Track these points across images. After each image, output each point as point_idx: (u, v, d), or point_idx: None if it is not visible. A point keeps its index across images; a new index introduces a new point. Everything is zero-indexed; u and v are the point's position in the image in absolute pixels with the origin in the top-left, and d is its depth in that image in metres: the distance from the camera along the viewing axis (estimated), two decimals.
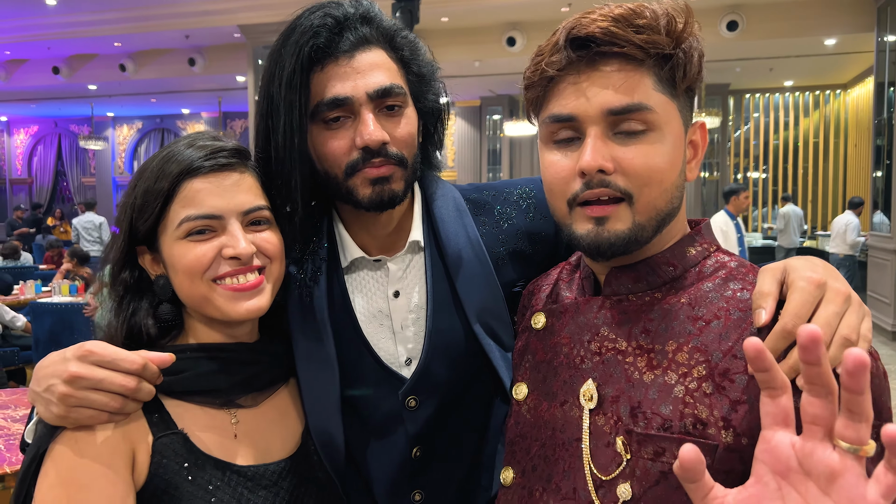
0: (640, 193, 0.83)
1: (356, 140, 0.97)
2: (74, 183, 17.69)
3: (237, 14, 9.80)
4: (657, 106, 0.82)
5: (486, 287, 1.06)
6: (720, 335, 0.81)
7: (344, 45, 0.98)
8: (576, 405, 0.88)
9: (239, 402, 0.97)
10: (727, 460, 0.76)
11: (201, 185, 0.92)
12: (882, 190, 8.26)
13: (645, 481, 0.79)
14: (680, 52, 0.83)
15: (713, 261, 0.88)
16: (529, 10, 9.45)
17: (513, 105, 14.11)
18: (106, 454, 0.84)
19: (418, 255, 1.09)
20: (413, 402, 1.05)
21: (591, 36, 0.82)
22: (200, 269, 0.92)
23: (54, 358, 0.85)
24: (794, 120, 13.71)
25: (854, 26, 8.97)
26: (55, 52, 11.62)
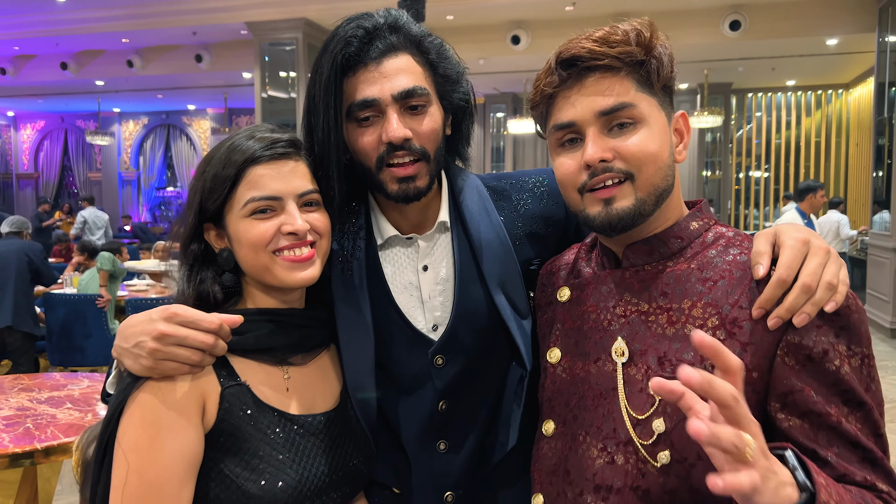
0: (640, 172, 1.00)
1: (382, 135, 1.11)
2: (80, 178, 17.82)
3: (244, 11, 9.90)
4: (639, 102, 1.00)
5: (505, 263, 1.19)
6: (727, 291, 0.97)
7: (373, 52, 1.11)
8: (609, 361, 1.03)
9: (291, 360, 1.11)
10: (743, 392, 0.87)
11: (264, 170, 1.06)
12: (883, 189, 8.34)
13: (676, 416, 0.94)
14: (651, 59, 1.01)
15: (713, 232, 1.05)
16: (534, 9, 9.54)
17: (517, 103, 14.19)
18: (183, 402, 0.97)
19: (445, 234, 1.23)
20: (440, 361, 1.18)
21: (576, 56, 1.00)
22: (263, 243, 1.06)
23: (140, 318, 0.98)
24: (797, 119, 13.80)
25: (856, 26, 9.05)
26: (63, 47, 11.73)
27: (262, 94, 10.40)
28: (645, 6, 9.37)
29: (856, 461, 0.91)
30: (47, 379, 3.33)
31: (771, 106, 13.91)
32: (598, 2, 9.14)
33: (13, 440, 2.45)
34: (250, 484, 1.00)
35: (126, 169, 17.56)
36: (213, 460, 1.00)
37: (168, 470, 0.95)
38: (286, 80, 10.36)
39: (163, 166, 17.53)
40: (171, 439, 0.96)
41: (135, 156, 17.49)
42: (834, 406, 0.91)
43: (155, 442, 0.95)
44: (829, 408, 0.91)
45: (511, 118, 12.68)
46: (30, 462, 2.46)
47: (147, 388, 0.97)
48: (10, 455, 2.38)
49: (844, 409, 0.91)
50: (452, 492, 1.19)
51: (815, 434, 0.91)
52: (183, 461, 0.97)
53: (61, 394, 3.04)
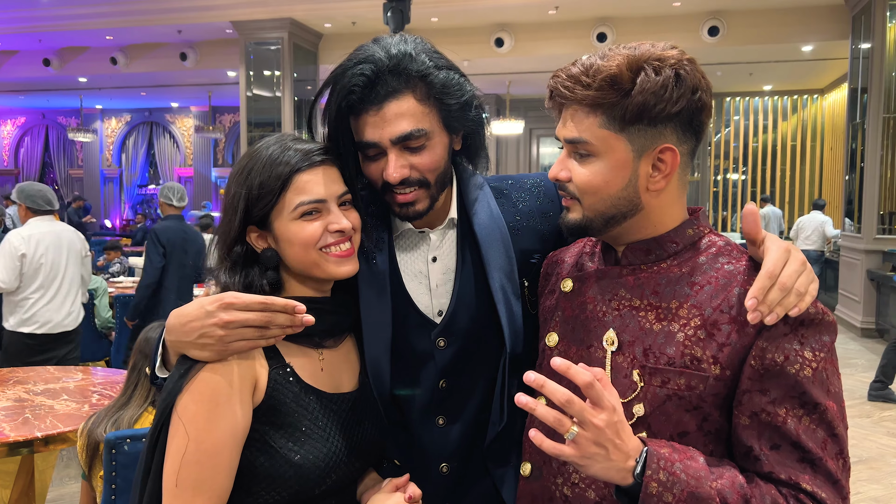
0: (583, 198, 1.12)
1: (383, 173, 1.23)
2: (62, 175, 17.70)
3: (230, 10, 9.93)
4: (596, 140, 1.08)
5: (503, 254, 1.33)
6: (711, 296, 1.07)
7: (374, 97, 1.19)
8: (600, 348, 1.14)
9: (326, 344, 1.25)
10: (715, 387, 1.03)
11: (308, 177, 1.20)
12: (856, 192, 8.56)
13: (654, 402, 1.06)
14: (625, 100, 1.04)
15: (707, 240, 1.14)
16: (517, 12, 9.66)
17: (500, 104, 14.31)
18: (237, 382, 1.10)
19: (453, 229, 1.36)
20: (442, 343, 1.31)
21: (553, 90, 1.12)
22: (314, 242, 1.20)
23: (195, 312, 1.09)
24: (773, 123, 14.05)
25: (830, 34, 9.28)
26: (46, 44, 11.67)
27: (247, 93, 10.44)
28: (626, 12, 9.54)
29: (794, 460, 0.98)
30: (44, 372, 3.40)
31: (748, 110, 14.16)
32: (581, 5, 9.29)
33: (13, 429, 2.52)
34: (293, 454, 1.14)
35: (108, 166, 17.46)
36: (259, 432, 1.13)
37: (221, 441, 1.08)
38: (271, 78, 10.40)
39: (145, 164, 17.45)
40: (226, 414, 1.09)
41: (117, 153, 17.39)
42: (786, 407, 0.99)
43: (212, 416, 1.08)
44: (779, 409, 0.99)
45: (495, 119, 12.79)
46: (28, 450, 2.53)
47: (207, 369, 1.10)
48: (9, 444, 2.44)
49: (800, 410, 0.99)
50: (448, 463, 1.32)
51: (760, 433, 1.00)
52: (234, 434, 1.10)
53: (57, 386, 3.12)
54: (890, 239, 8.00)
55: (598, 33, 9.70)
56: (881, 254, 7.98)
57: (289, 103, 10.37)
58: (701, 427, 1.05)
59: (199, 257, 4.97)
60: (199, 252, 5.02)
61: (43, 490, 3.05)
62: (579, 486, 1.12)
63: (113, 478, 2.07)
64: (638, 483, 0.95)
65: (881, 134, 7.96)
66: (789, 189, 14.07)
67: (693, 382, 1.04)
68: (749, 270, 1.07)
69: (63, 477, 4.13)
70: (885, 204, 8.06)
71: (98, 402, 2.87)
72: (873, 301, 8.06)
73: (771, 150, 14.10)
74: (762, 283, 1.00)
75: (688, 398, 1.04)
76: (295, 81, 10.38)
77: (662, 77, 1.03)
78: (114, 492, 2.08)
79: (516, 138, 14.92)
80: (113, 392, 3.00)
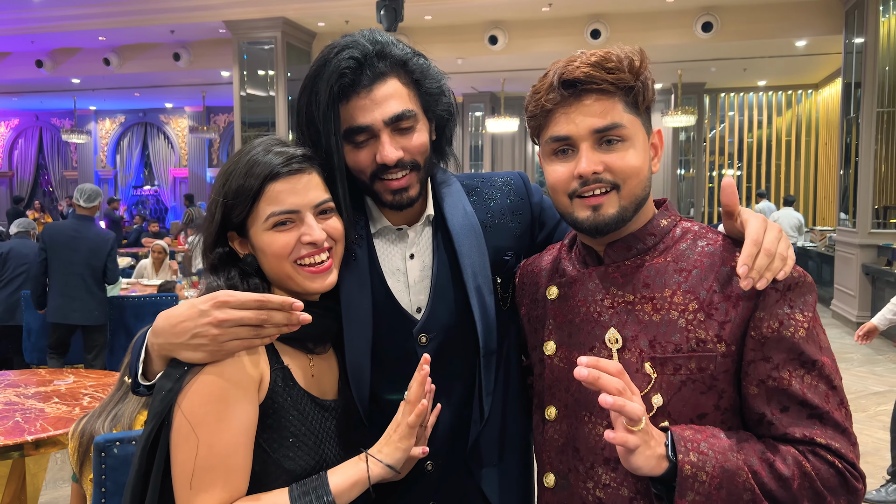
0: (624, 184, 1.13)
1: (377, 157, 1.23)
2: (56, 176, 17.64)
3: (223, 10, 9.89)
4: (628, 123, 1.13)
5: (476, 251, 1.34)
6: (701, 279, 1.12)
7: (364, 80, 1.22)
8: (603, 349, 1.15)
9: (316, 350, 1.23)
10: (724, 363, 1.08)
11: (282, 186, 1.16)
12: (851, 186, 8.57)
13: (671, 390, 1.09)
14: (639, 83, 1.13)
15: (681, 228, 1.20)
16: (511, 9, 9.65)
17: (494, 102, 14.31)
18: (246, 379, 1.07)
19: (429, 226, 1.37)
20: (424, 339, 1.31)
21: (577, 79, 1.12)
22: (286, 254, 1.16)
23: (187, 312, 1.05)
24: (768, 119, 14.07)
25: (823, 28, 9.29)
26: (39, 45, 11.62)
27: (241, 93, 10.41)
28: (620, 8, 9.53)
29: (804, 418, 1.05)
30: (33, 375, 3.38)
31: (743, 105, 14.17)
32: (575, 2, 9.28)
33: (3, 433, 2.51)
34: (285, 460, 1.11)
35: (103, 167, 17.41)
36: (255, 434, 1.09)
37: (235, 441, 1.05)
38: (265, 78, 10.38)
39: (140, 165, 17.41)
40: (237, 413, 1.05)
41: (111, 154, 17.35)
42: (788, 370, 1.05)
43: (223, 416, 1.04)
44: (782, 372, 1.05)
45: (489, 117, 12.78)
46: (19, 454, 2.51)
47: (211, 369, 1.05)
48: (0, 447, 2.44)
49: (801, 370, 1.05)
50: (432, 461, 1.32)
51: (769, 398, 1.06)
52: (246, 433, 1.06)
53: (48, 389, 3.10)
54: (884, 233, 8.02)
55: (591, 30, 9.69)
56: (876, 248, 7.99)
57: (283, 103, 10.35)
58: (717, 406, 1.09)
59: (95, 257, 5.09)
60: (95, 252, 5.10)
61: (35, 493, 3.03)
62: (611, 486, 1.13)
63: (103, 481, 2.06)
64: (672, 467, 0.99)
65: (875, 128, 7.97)
66: (784, 184, 14.09)
67: (703, 364, 1.08)
68: (729, 247, 1.13)
69: (57, 480, 4.11)
70: (879, 198, 8.07)
71: (89, 405, 2.86)
72: (868, 295, 8.07)
73: (766, 146, 14.12)
74: (749, 250, 1.05)
75: (701, 380, 1.08)
76: (289, 81, 10.35)
77: (649, 72, 1.16)
78: (104, 495, 2.06)
79: (511, 136, 14.92)
80: (105, 395, 2.99)
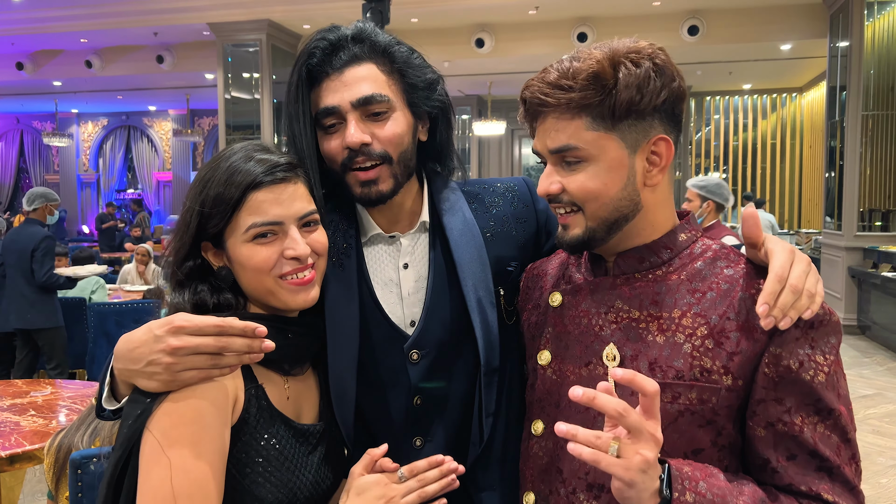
0: (584, 206, 1.06)
1: (343, 141, 1.15)
2: (38, 180, 17.40)
3: (206, 12, 9.78)
4: (586, 143, 1.02)
5: (477, 260, 1.25)
6: (715, 303, 1.02)
7: (336, 63, 1.16)
8: (599, 365, 1.07)
9: (293, 371, 1.14)
10: (728, 398, 0.99)
11: (264, 196, 1.07)
12: (835, 189, 8.61)
13: (666, 419, 0.99)
14: (609, 97, 1.00)
15: (700, 244, 1.10)
16: (498, 12, 9.62)
17: (481, 105, 14.28)
18: (221, 399, 0.98)
19: (425, 234, 1.28)
20: (415, 356, 1.22)
21: (527, 99, 1.06)
22: (268, 268, 1.07)
23: (142, 337, 0.96)
24: (753, 122, 14.14)
25: (808, 32, 9.33)
26: (19, 47, 11.45)
27: (226, 96, 10.30)
28: (606, 11, 9.53)
29: (812, 470, 0.96)
30: (9, 386, 3.28)
31: (728, 109, 14.22)
32: (561, 5, 9.27)
33: None
34: (255, 486, 1.01)
35: (85, 171, 17.20)
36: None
37: (210, 466, 0.96)
38: (249, 81, 10.27)
39: (123, 168, 17.21)
40: (213, 436, 0.97)
41: (94, 157, 17.14)
42: (801, 416, 0.96)
43: (199, 439, 0.95)
44: (795, 418, 0.96)
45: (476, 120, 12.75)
46: None
47: (177, 396, 0.96)
48: None
49: (815, 417, 0.96)
50: None
51: (776, 443, 0.97)
52: (221, 458, 0.98)
53: (24, 401, 3.01)
54: (870, 236, 8.05)
55: (578, 33, 9.68)
56: (862, 251, 8.02)
57: (268, 106, 10.25)
58: (715, 442, 1.01)
59: (24, 258, 5.04)
60: (24, 253, 5.05)
61: None
62: None
63: (79, 499, 1.97)
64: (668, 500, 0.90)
65: (860, 132, 8.01)
66: (769, 187, 14.15)
67: (705, 395, 0.99)
68: (751, 274, 1.03)
69: (35, 492, 4.01)
70: (864, 201, 8.10)
71: (67, 418, 2.77)
72: (854, 298, 8.10)
73: (751, 149, 14.18)
74: (772, 286, 0.95)
75: (700, 412, 1.00)
76: (274, 84, 10.25)
77: (643, 69, 1.01)
78: None
79: (498, 139, 14.89)
80: (84, 406, 2.90)
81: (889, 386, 6.10)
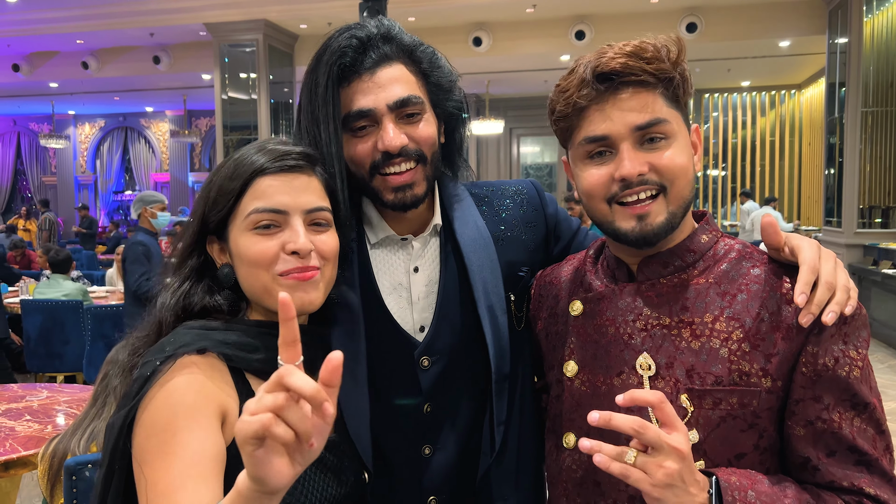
0: (672, 185, 1.02)
1: (378, 144, 1.12)
2: (35, 182, 17.36)
3: (203, 12, 9.76)
4: (669, 117, 1.03)
5: (488, 267, 1.22)
6: (747, 305, 1.01)
7: (367, 62, 1.12)
8: (633, 375, 1.04)
9: None
10: (768, 400, 0.98)
11: (271, 182, 1.00)
12: (834, 186, 8.59)
13: (708, 426, 0.99)
14: (678, 75, 1.03)
15: (723, 245, 1.08)
16: (495, 11, 9.59)
17: (479, 104, 14.25)
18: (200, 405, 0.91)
19: (436, 237, 1.25)
20: (426, 363, 1.18)
21: (613, 71, 1.00)
22: (265, 262, 0.99)
23: None
24: (752, 119, 14.12)
25: (807, 29, 9.31)
26: (15, 49, 11.42)
27: (222, 96, 10.27)
28: (604, 9, 9.50)
29: (851, 464, 0.96)
30: (5, 390, 3.25)
31: (727, 106, 14.21)
32: (559, 4, 9.24)
33: None
34: None
35: (82, 172, 17.15)
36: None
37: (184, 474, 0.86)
38: (246, 81, 10.24)
39: (121, 169, 17.17)
40: (186, 441, 0.88)
41: (91, 159, 17.10)
42: (839, 411, 0.96)
43: (167, 447, 0.88)
44: (833, 414, 0.96)
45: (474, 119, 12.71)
46: None
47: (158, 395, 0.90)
48: None
49: (851, 412, 0.96)
50: (436, 497, 1.20)
51: (816, 441, 0.97)
52: (201, 464, 0.87)
53: (20, 405, 2.97)
54: (870, 233, 8.03)
55: (576, 31, 9.65)
56: (862, 248, 8.00)
57: (265, 106, 10.22)
58: (757, 445, 1.00)
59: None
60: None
61: None
62: None
63: None
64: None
65: (860, 128, 7.99)
66: (769, 184, 14.14)
67: (746, 399, 0.98)
68: (778, 272, 1.03)
69: (33, 496, 3.98)
70: (864, 198, 8.09)
71: (64, 423, 2.73)
72: None
73: (750, 146, 14.17)
74: (807, 276, 0.95)
75: (742, 417, 0.98)
76: (271, 83, 10.23)
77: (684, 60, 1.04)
78: None
79: (496, 138, 14.86)
80: (79, 410, 2.87)
81: (890, 384, 6.08)
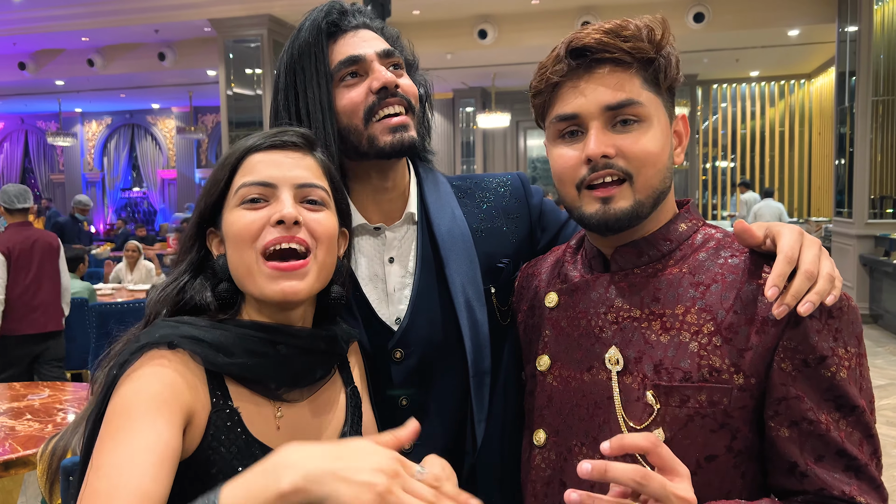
0: (639, 173, 0.97)
1: (372, 85, 1.13)
2: (43, 180, 17.43)
3: (207, 8, 9.73)
4: (646, 101, 0.97)
5: (465, 257, 1.20)
6: (721, 296, 0.95)
7: (351, 23, 1.19)
8: (602, 369, 1.00)
9: (285, 397, 0.96)
10: (741, 398, 0.92)
11: (262, 157, 0.97)
12: (845, 177, 8.49)
13: (675, 424, 0.93)
14: (660, 57, 0.98)
15: (702, 234, 1.03)
16: (500, 3, 9.52)
17: (485, 97, 14.18)
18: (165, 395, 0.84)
19: (413, 227, 1.23)
20: (398, 354, 1.17)
21: (587, 46, 0.97)
22: (249, 236, 0.92)
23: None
24: (761, 109, 13.99)
25: (816, 17, 9.19)
26: (21, 47, 11.43)
27: (228, 92, 10.25)
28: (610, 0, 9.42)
29: (840, 470, 0.90)
30: (7, 389, 3.24)
31: (736, 97, 14.08)
32: None
33: None
34: None
35: (90, 170, 17.21)
36: (177, 495, 0.81)
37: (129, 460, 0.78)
38: (252, 77, 10.22)
39: (128, 167, 17.21)
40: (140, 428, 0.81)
41: (98, 156, 17.14)
42: (825, 413, 0.90)
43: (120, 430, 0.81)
44: (819, 415, 0.90)
45: (480, 112, 12.66)
46: None
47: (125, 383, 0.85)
48: None
49: (836, 414, 0.90)
50: None
51: (802, 444, 0.91)
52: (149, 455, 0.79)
53: (21, 404, 2.96)
54: (882, 223, 7.94)
55: (582, 22, 9.57)
56: (873, 238, 7.91)
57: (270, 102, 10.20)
58: (730, 448, 0.93)
59: None
60: None
61: None
62: None
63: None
64: None
65: (870, 117, 7.88)
66: (778, 175, 14.02)
67: (716, 397, 0.92)
68: (758, 261, 0.96)
69: (38, 495, 3.98)
70: (875, 188, 7.99)
71: (63, 421, 2.72)
72: (866, 286, 8.00)
73: (759, 137, 14.04)
74: (781, 268, 0.88)
75: (712, 416, 0.92)
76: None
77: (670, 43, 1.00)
78: None
79: (503, 131, 14.79)
80: (81, 409, 2.85)
81: None
